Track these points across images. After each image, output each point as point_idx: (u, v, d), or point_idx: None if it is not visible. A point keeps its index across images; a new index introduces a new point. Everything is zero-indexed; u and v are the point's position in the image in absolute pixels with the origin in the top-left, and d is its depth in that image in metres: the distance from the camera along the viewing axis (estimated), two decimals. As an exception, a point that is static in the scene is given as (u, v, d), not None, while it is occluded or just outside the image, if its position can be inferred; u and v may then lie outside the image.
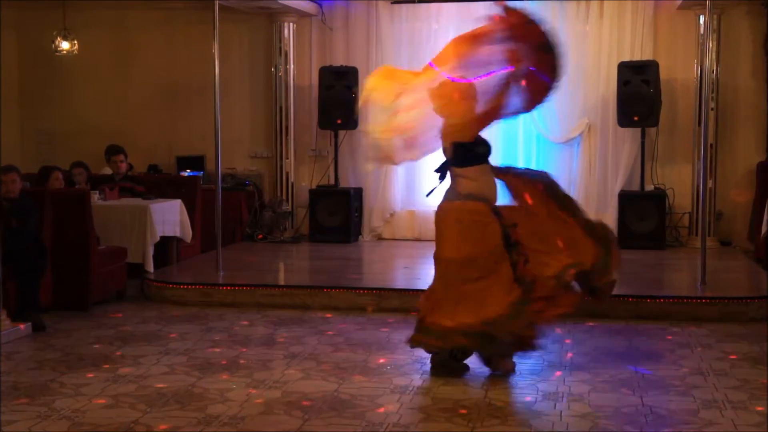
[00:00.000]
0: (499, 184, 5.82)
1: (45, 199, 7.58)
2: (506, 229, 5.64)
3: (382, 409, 5.08)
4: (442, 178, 5.84)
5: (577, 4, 10.65)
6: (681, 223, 10.63)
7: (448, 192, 5.79)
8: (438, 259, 5.76)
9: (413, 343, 5.81)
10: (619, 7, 10.53)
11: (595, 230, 5.76)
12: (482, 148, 5.78)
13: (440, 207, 5.81)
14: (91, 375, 5.75)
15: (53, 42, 10.94)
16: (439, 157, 5.87)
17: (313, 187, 11.15)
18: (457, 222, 5.67)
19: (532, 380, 5.65)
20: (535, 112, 10.39)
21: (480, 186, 5.72)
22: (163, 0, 11.49)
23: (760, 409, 5.08)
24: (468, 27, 5.81)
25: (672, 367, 5.95)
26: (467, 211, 5.66)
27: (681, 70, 10.53)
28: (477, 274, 5.57)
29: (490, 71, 5.68)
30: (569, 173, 10.63)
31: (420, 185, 11.08)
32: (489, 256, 5.59)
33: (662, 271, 9.24)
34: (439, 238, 5.78)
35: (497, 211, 5.72)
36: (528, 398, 5.30)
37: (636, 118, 10.06)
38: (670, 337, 6.76)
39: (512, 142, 10.54)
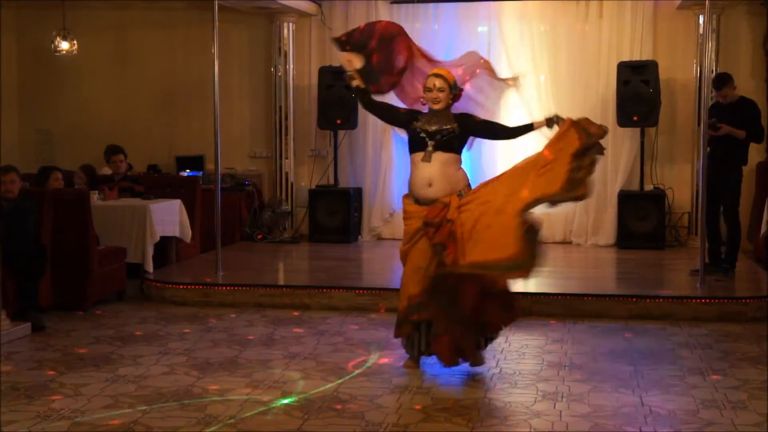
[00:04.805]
0: None
1: (44, 199, 7.57)
2: (423, 224, 5.73)
3: (381, 410, 5.08)
4: None
5: (577, 4, 10.65)
6: (680, 223, 10.63)
7: None
8: None
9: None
10: (618, 6, 10.53)
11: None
12: (416, 138, 5.82)
13: None
14: (90, 375, 5.75)
15: (53, 42, 10.93)
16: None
17: (313, 187, 11.15)
18: None
19: (532, 380, 5.66)
20: (534, 112, 10.55)
21: (411, 178, 5.88)
22: (163, 0, 11.49)
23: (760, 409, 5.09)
24: (467, 27, 5.91)
25: (672, 367, 5.95)
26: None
27: (680, 70, 10.54)
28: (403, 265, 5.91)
29: None
30: (569, 173, 10.63)
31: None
32: (401, 247, 5.93)
33: (662, 271, 9.24)
34: None
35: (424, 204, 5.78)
36: (528, 398, 5.30)
37: (635, 118, 10.06)
38: (670, 337, 6.76)
39: (511, 141, 10.51)
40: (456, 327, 5.65)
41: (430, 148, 5.75)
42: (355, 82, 6.02)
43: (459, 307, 5.59)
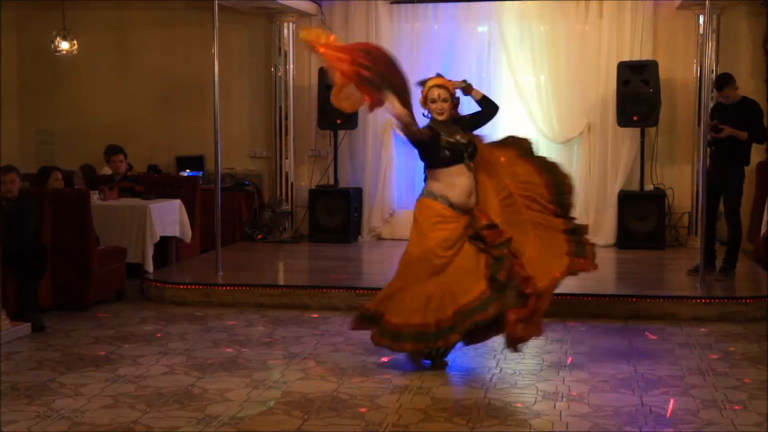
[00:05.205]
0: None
1: (44, 199, 7.57)
2: (477, 231, 5.68)
3: (381, 410, 5.08)
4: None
5: (577, 4, 10.64)
6: (680, 223, 10.63)
7: (423, 188, 5.96)
8: (403, 253, 5.89)
9: (374, 340, 5.91)
10: (618, 7, 10.52)
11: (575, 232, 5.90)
12: (444, 152, 5.75)
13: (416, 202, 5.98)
14: (90, 375, 5.74)
15: (53, 42, 10.93)
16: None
17: (313, 187, 11.15)
18: (416, 217, 5.84)
19: (532, 380, 5.66)
20: (534, 112, 10.56)
21: (444, 186, 5.76)
22: (163, 0, 11.49)
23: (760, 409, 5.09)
24: (467, 27, 5.87)
25: (672, 367, 5.95)
26: (422, 206, 5.81)
27: (680, 70, 10.54)
28: (430, 271, 5.66)
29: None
30: (569, 173, 10.66)
31: (419, 185, 11.08)
32: (441, 253, 5.66)
33: (662, 271, 9.24)
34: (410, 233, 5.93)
35: (468, 212, 5.76)
36: (528, 398, 5.30)
37: (635, 118, 10.06)
38: (670, 337, 6.76)
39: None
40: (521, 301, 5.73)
41: (467, 160, 5.80)
42: (421, 134, 5.77)
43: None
